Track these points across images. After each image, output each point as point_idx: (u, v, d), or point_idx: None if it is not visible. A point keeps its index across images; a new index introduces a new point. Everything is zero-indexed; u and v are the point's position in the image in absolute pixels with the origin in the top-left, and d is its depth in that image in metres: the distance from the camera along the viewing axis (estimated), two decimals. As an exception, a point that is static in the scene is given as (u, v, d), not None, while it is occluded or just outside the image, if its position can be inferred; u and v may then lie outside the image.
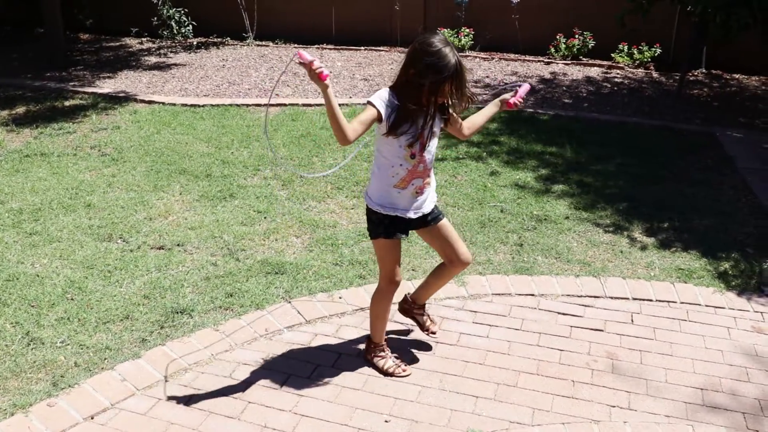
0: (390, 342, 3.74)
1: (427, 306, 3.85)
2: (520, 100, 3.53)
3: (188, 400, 3.35)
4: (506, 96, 3.55)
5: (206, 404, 3.33)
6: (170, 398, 3.36)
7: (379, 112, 3.13)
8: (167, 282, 4.35)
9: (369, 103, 3.16)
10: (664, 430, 3.23)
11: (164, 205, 5.42)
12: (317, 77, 2.96)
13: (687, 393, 3.49)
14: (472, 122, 3.58)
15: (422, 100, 3.15)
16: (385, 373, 3.56)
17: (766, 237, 5.12)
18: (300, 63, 2.97)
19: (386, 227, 3.36)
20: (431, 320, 3.84)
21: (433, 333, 3.79)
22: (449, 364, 3.66)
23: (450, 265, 3.55)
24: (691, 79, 9.78)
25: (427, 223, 3.44)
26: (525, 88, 3.55)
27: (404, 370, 3.57)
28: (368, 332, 3.69)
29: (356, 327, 3.95)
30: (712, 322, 4.12)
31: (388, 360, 3.60)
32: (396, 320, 3.98)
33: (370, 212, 3.42)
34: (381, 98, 3.16)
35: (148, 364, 3.59)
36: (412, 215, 3.35)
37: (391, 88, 3.22)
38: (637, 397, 3.46)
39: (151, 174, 6.03)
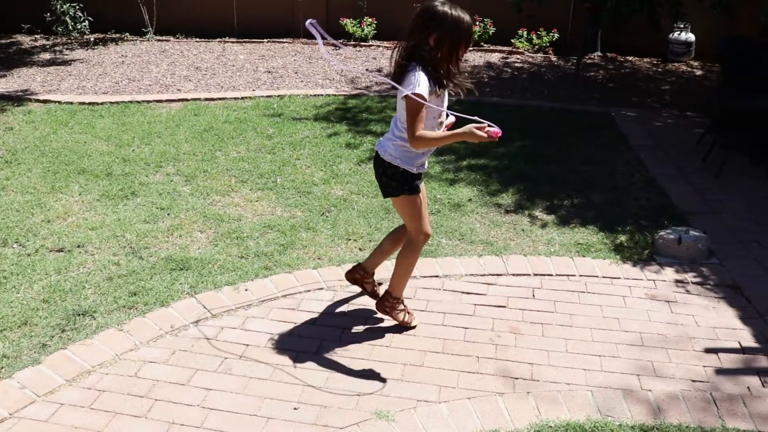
0: (292, 331, 3.76)
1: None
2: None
3: (92, 403, 3.27)
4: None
5: (111, 405, 3.26)
6: (73, 402, 3.27)
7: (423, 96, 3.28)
8: (68, 285, 4.23)
9: (419, 95, 3.26)
10: (565, 398, 3.35)
11: (63, 207, 5.26)
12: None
13: (586, 361, 3.63)
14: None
15: (445, 65, 3.35)
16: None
17: (658, 209, 5.37)
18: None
19: (411, 184, 3.55)
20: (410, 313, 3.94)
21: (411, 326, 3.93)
22: (356, 348, 3.69)
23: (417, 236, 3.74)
24: (588, 62, 10.11)
25: (421, 179, 3.66)
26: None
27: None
28: (290, 323, 3.71)
29: (263, 318, 3.94)
30: (609, 293, 4.29)
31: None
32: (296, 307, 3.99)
33: (397, 173, 3.54)
34: (417, 84, 3.27)
35: (49, 369, 3.48)
36: (423, 170, 3.64)
37: (417, 65, 3.32)
38: (539, 368, 3.58)
39: (47, 175, 5.84)
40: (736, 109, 6.23)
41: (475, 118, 3.41)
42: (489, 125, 3.38)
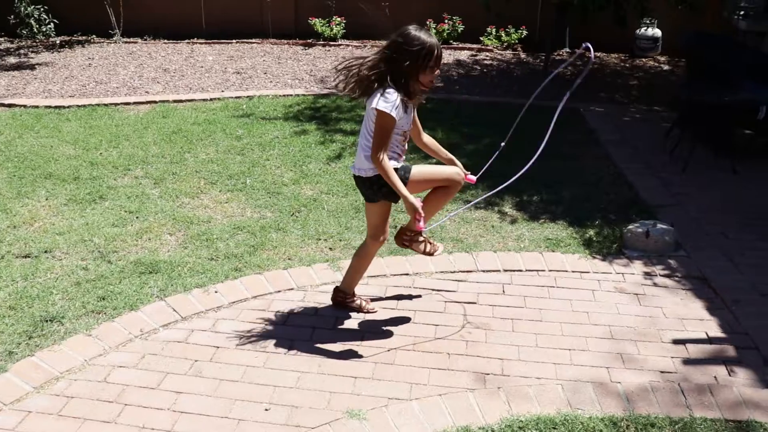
0: (262, 332, 3.75)
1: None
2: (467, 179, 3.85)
3: (61, 409, 3.24)
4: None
5: (80, 411, 3.23)
6: (41, 409, 3.23)
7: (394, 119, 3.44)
8: (35, 291, 4.17)
9: (388, 114, 3.41)
10: (536, 393, 3.38)
11: (29, 212, 5.19)
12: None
13: (556, 355, 3.66)
14: (432, 142, 3.93)
15: (413, 83, 3.48)
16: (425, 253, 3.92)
17: (627, 203, 5.42)
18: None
19: (387, 192, 3.58)
20: (364, 300, 4.02)
21: (372, 311, 4.01)
22: (327, 347, 3.69)
23: (373, 240, 3.84)
24: (556, 58, 10.18)
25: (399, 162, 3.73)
26: (471, 178, 3.88)
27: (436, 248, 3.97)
28: (261, 324, 3.80)
29: (233, 319, 3.92)
30: (579, 287, 4.33)
31: (426, 243, 3.92)
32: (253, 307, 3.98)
33: (372, 181, 3.59)
34: (393, 105, 3.41)
35: (15, 376, 3.44)
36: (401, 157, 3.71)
37: (389, 85, 3.45)
38: (509, 363, 3.60)
39: (13, 180, 5.76)
40: (701, 103, 6.31)
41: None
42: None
